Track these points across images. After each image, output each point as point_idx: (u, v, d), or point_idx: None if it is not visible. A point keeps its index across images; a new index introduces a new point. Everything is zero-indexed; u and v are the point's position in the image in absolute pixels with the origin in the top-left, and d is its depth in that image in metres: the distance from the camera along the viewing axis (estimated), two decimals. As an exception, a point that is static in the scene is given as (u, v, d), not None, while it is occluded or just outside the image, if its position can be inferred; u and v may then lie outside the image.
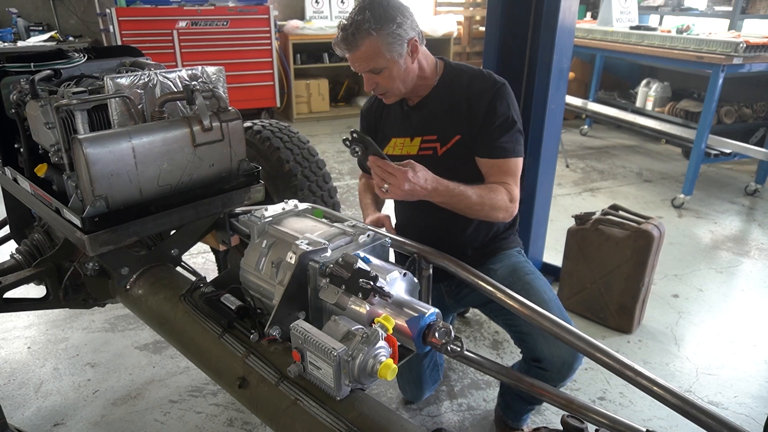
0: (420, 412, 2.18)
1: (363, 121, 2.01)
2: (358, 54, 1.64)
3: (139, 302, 1.66)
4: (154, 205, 1.52)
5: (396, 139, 1.85)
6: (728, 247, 3.62)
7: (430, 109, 1.79)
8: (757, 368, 2.44)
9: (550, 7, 2.42)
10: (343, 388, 1.08)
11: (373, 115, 1.95)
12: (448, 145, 1.75)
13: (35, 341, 2.62)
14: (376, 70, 1.66)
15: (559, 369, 1.58)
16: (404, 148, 1.82)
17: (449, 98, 1.75)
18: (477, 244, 1.85)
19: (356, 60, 1.66)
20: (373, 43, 1.61)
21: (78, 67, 1.84)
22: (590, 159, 5.41)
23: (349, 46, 1.63)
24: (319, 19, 6.75)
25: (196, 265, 3.18)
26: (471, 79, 1.75)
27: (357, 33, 1.60)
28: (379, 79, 1.69)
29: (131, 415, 2.16)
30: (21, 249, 2.03)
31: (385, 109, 1.90)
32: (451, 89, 1.76)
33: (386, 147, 1.86)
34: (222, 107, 1.61)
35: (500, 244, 1.87)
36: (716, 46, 3.98)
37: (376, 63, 1.64)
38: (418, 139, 1.80)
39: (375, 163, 1.50)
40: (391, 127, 1.88)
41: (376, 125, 1.94)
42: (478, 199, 1.62)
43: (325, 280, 1.22)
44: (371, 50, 1.62)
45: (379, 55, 1.63)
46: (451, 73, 1.79)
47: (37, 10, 6.30)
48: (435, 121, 1.77)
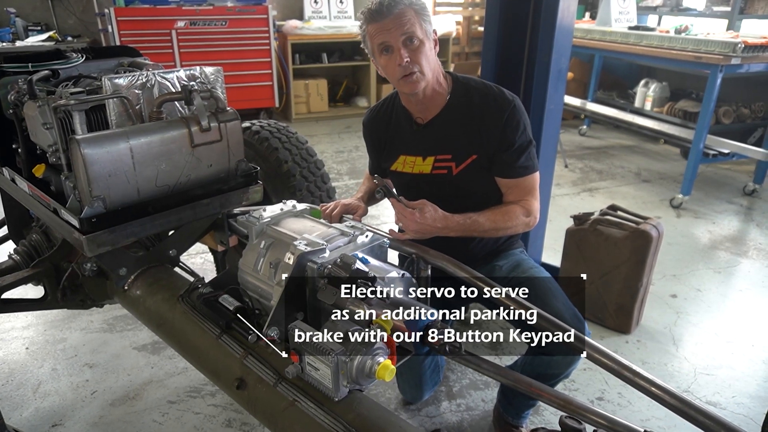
0: (418, 412, 2.18)
1: (366, 132, 1.97)
2: (394, 17, 1.58)
3: (137, 303, 1.66)
4: (152, 206, 1.52)
5: (406, 157, 1.82)
6: (726, 247, 3.63)
7: (443, 128, 1.76)
8: (755, 368, 2.45)
9: (549, 7, 2.42)
10: (341, 389, 1.08)
11: (377, 126, 1.92)
12: (464, 165, 1.74)
13: (33, 342, 2.61)
14: (412, 39, 1.60)
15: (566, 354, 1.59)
16: (416, 167, 1.80)
17: (462, 117, 1.74)
18: (485, 252, 1.88)
19: (392, 25, 1.59)
20: (410, 9, 1.59)
21: (76, 67, 1.84)
22: (589, 159, 5.41)
23: (388, 10, 1.58)
24: (317, 19, 6.74)
25: (194, 266, 3.18)
26: (482, 99, 1.73)
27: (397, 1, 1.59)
28: (413, 53, 1.61)
29: (129, 416, 2.15)
30: (19, 249, 2.03)
31: (392, 124, 1.87)
32: (464, 108, 1.74)
33: (395, 164, 1.85)
34: (220, 108, 1.60)
35: (503, 246, 1.91)
36: (714, 47, 3.99)
37: (413, 29, 1.59)
38: (431, 158, 1.77)
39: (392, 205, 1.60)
40: (400, 144, 1.85)
41: (380, 137, 1.91)
42: (491, 225, 1.67)
43: (324, 280, 1.22)
44: (409, 14, 1.59)
45: (416, 23, 1.60)
46: (461, 89, 1.77)
47: (35, 10, 6.29)
48: (449, 141, 1.75)
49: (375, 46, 1.65)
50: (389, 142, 1.89)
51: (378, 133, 1.92)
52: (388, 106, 1.90)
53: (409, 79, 1.64)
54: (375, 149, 1.96)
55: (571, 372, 1.68)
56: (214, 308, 1.41)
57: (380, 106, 1.93)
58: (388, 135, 1.89)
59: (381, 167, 1.94)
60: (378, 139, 1.92)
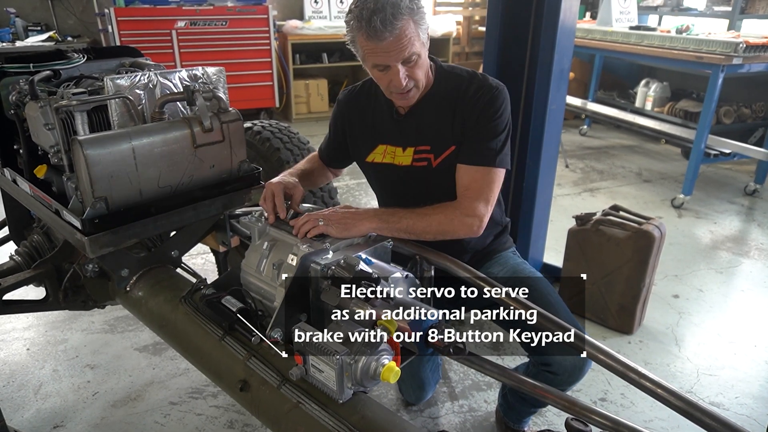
0: (421, 413, 2.18)
1: (340, 111, 1.79)
2: (394, 40, 1.40)
3: (139, 304, 1.65)
4: (155, 207, 1.52)
5: (386, 147, 1.70)
6: (728, 247, 3.62)
7: (424, 117, 1.64)
8: (758, 369, 2.44)
9: (551, 8, 2.42)
10: (346, 391, 1.08)
11: (354, 109, 1.75)
12: (443, 157, 1.62)
13: (35, 343, 2.61)
14: (413, 57, 1.45)
15: (570, 373, 1.55)
16: (396, 158, 1.68)
17: (443, 106, 1.61)
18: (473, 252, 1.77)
19: (392, 48, 1.41)
20: (410, 24, 1.41)
21: (77, 67, 1.84)
22: (590, 159, 5.41)
23: (388, 30, 1.38)
24: (318, 19, 6.74)
25: (196, 267, 3.17)
26: (464, 86, 1.60)
27: (396, 14, 1.38)
28: (412, 70, 1.48)
29: (131, 417, 2.15)
30: (20, 250, 2.03)
31: (372, 110, 1.72)
32: (446, 96, 1.61)
33: (373, 154, 1.72)
34: (222, 108, 1.60)
35: (495, 246, 1.81)
36: (715, 47, 3.98)
37: (413, 48, 1.43)
38: (411, 149, 1.66)
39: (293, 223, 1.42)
40: (380, 133, 1.71)
41: (353, 122, 1.75)
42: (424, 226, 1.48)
43: (327, 282, 1.22)
44: (409, 31, 1.41)
45: (415, 38, 1.43)
46: (444, 77, 1.64)
47: (35, 10, 6.28)
48: (428, 131, 1.63)
49: (369, 62, 1.50)
50: (366, 130, 1.73)
51: (352, 116, 1.76)
52: (368, 89, 1.74)
53: (404, 96, 1.55)
54: (341, 132, 1.79)
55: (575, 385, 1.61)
56: (217, 309, 1.40)
57: (360, 88, 1.77)
58: (365, 122, 1.73)
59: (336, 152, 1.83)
60: (351, 124, 1.76)
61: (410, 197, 1.62)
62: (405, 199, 1.65)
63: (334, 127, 1.82)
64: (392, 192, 1.78)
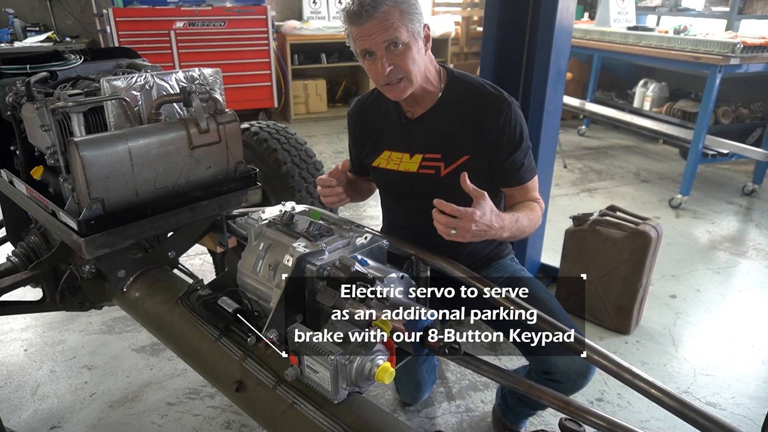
0: (418, 414, 2.18)
1: (351, 123, 1.85)
2: (376, 22, 1.43)
3: (136, 305, 1.65)
4: (151, 208, 1.52)
5: (391, 153, 1.71)
6: (725, 247, 3.63)
7: (435, 125, 1.65)
8: (755, 369, 2.45)
9: (548, 8, 2.42)
10: (341, 392, 1.08)
11: (364, 119, 1.79)
12: (454, 165, 1.62)
13: (32, 344, 2.61)
14: (396, 44, 1.46)
15: (574, 381, 1.53)
16: (402, 164, 1.68)
17: (456, 115, 1.62)
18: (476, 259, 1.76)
19: (373, 30, 1.44)
20: (394, 10, 1.44)
21: (74, 68, 1.84)
22: (588, 159, 5.41)
23: (368, 12, 1.42)
24: (316, 20, 6.74)
25: (193, 267, 3.17)
26: (480, 98, 1.62)
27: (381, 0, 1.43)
28: (398, 59, 1.48)
29: (128, 418, 2.15)
30: (17, 252, 2.03)
31: (381, 116, 1.74)
32: (458, 106, 1.63)
33: (378, 159, 1.73)
34: (219, 109, 1.60)
35: (494, 253, 1.81)
36: (713, 47, 3.99)
37: (396, 33, 1.44)
38: (418, 156, 1.66)
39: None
40: (386, 138, 1.73)
41: (365, 131, 1.79)
42: (528, 222, 1.58)
43: (323, 282, 1.22)
44: (393, 17, 1.43)
45: (401, 26, 1.45)
46: (456, 85, 1.65)
47: (33, 11, 6.28)
48: (440, 139, 1.64)
49: (357, 50, 1.53)
50: (375, 136, 1.76)
51: (364, 126, 1.79)
52: (377, 96, 1.76)
53: (393, 88, 1.54)
54: (358, 143, 1.83)
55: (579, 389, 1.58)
56: (213, 310, 1.40)
57: (368, 97, 1.81)
58: (374, 128, 1.76)
59: (362, 163, 1.83)
60: (363, 134, 1.79)
61: (415, 205, 1.63)
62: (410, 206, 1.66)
63: (352, 140, 1.88)
64: (397, 198, 1.78)
